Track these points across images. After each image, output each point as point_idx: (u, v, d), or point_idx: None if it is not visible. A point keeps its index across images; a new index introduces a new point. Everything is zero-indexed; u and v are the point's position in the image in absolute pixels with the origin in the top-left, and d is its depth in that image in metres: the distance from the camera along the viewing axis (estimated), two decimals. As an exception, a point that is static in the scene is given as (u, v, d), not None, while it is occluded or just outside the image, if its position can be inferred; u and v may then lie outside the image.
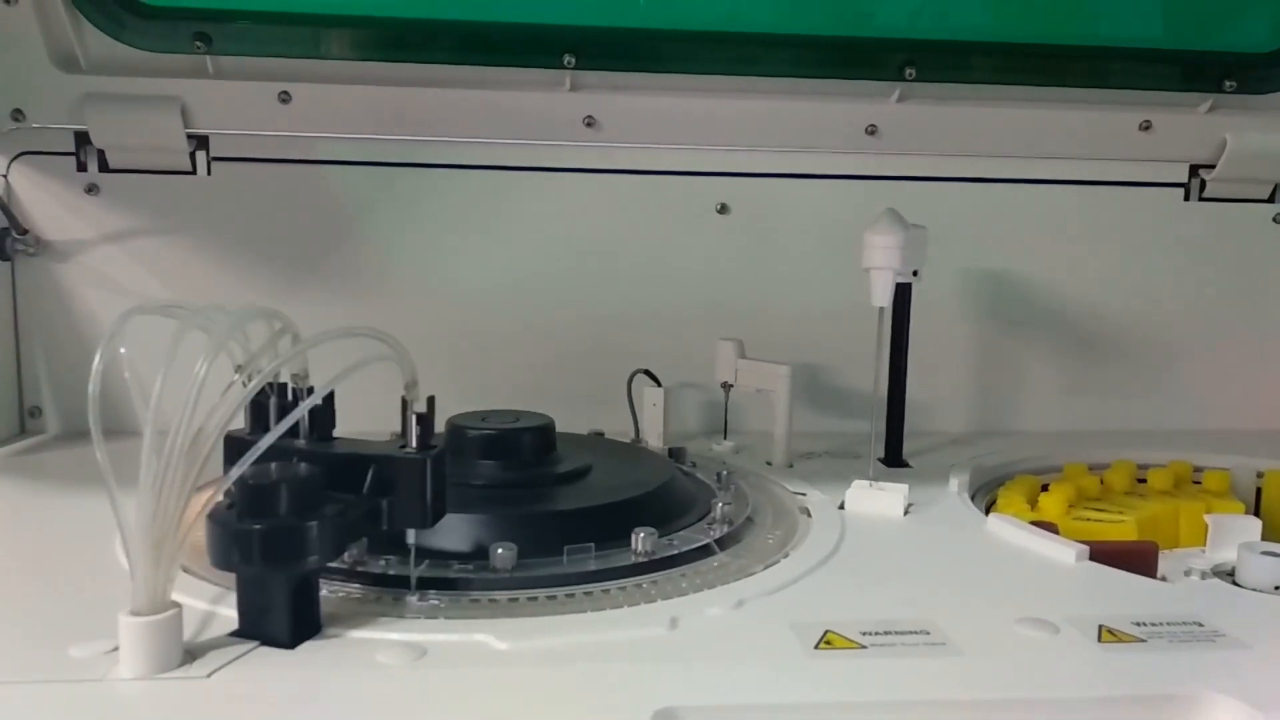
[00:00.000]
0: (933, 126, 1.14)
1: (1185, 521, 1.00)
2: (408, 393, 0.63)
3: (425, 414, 0.63)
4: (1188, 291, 1.23)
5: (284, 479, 0.57)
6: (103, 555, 0.71)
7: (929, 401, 1.22)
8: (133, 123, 1.05)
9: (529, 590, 0.67)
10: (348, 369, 0.59)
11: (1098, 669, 0.58)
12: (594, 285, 1.16)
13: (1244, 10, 1.15)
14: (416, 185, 1.12)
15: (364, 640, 0.59)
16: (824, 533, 0.81)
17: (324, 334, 0.61)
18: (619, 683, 0.55)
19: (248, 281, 1.12)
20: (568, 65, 1.06)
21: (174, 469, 0.53)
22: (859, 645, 0.60)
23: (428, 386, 1.12)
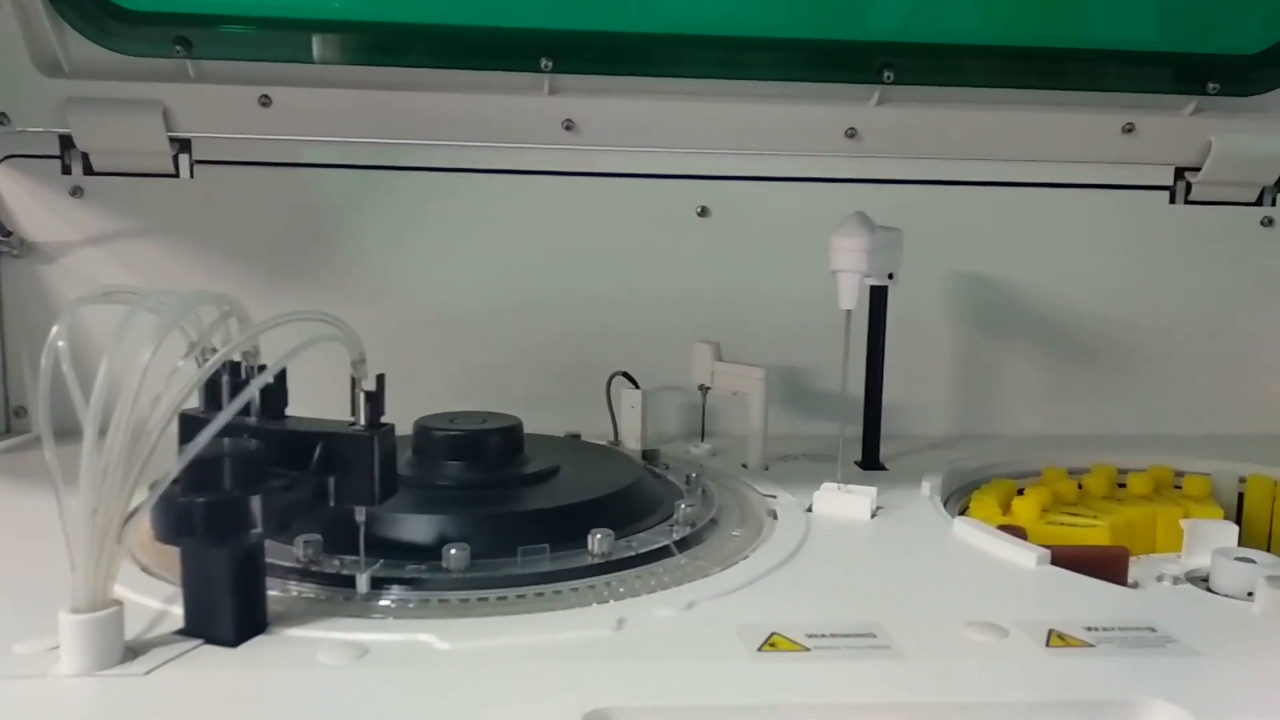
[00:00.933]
0: (913, 129, 1.14)
1: (1163, 527, 0.99)
2: (355, 370, 0.63)
3: (374, 392, 0.63)
4: (1173, 295, 1.22)
5: (227, 454, 0.58)
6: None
7: (911, 405, 1.21)
8: (115, 126, 1.06)
9: (480, 591, 0.67)
10: (297, 347, 0.60)
11: (1039, 673, 0.58)
12: (575, 288, 1.16)
13: (1228, 12, 1.14)
14: (398, 188, 1.13)
15: (308, 639, 0.60)
16: (786, 535, 0.81)
17: (272, 319, 0.61)
18: (555, 683, 0.55)
19: (231, 283, 1.10)
20: (545, 69, 1.06)
21: (115, 465, 0.54)
22: (803, 648, 0.60)
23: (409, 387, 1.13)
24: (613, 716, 0.52)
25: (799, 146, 1.14)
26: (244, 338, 0.61)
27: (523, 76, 1.08)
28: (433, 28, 1.07)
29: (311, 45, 1.07)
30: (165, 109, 1.06)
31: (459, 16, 1.07)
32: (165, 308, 0.57)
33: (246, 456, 0.59)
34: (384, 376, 0.65)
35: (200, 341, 0.60)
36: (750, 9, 1.11)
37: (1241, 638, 0.65)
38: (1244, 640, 0.65)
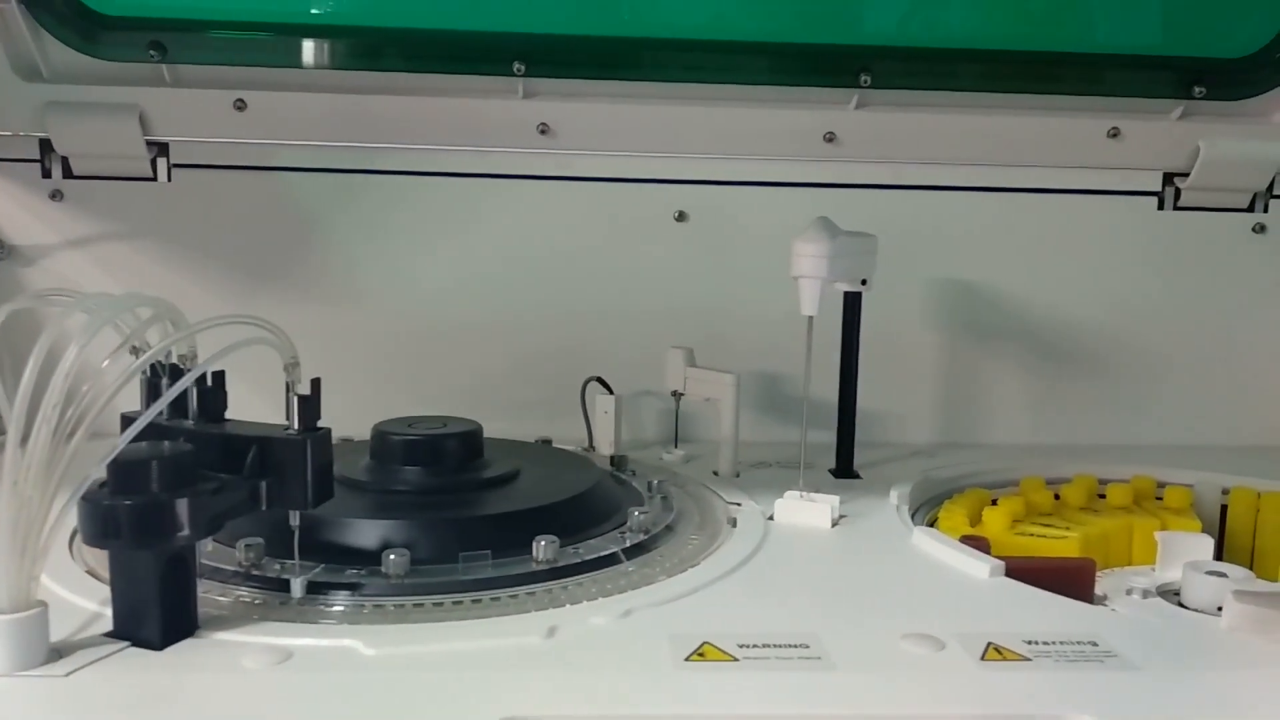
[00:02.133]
0: (892, 134, 1.12)
1: (1139, 539, 0.98)
2: (288, 374, 0.63)
3: (308, 396, 0.63)
4: (1162, 303, 1.20)
5: (154, 456, 0.58)
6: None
7: (893, 412, 1.20)
8: (93, 130, 1.07)
9: (418, 597, 0.67)
10: (223, 350, 0.60)
11: (967, 688, 0.56)
12: (552, 293, 1.16)
13: (1214, 16, 1.12)
14: (374, 192, 1.13)
15: (235, 643, 0.60)
16: (740, 544, 0.80)
17: (202, 322, 0.62)
18: (473, 691, 0.55)
19: (208, 286, 1.13)
20: (517, 72, 1.06)
21: (36, 466, 0.54)
22: (731, 658, 0.59)
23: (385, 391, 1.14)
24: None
25: (777, 151, 1.13)
26: (169, 340, 0.61)
27: (497, 80, 1.08)
28: (406, 32, 1.07)
29: (286, 50, 1.07)
30: (142, 113, 1.07)
31: (432, 20, 1.07)
32: (95, 310, 0.58)
33: (174, 459, 0.59)
34: (319, 380, 0.64)
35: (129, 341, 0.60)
36: (726, 13, 1.11)
37: (1189, 653, 0.64)
38: (1189, 656, 0.63)
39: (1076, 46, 1.11)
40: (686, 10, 1.11)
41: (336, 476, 0.81)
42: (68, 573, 0.69)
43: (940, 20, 1.11)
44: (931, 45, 1.10)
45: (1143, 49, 1.12)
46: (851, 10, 1.09)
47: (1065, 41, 1.12)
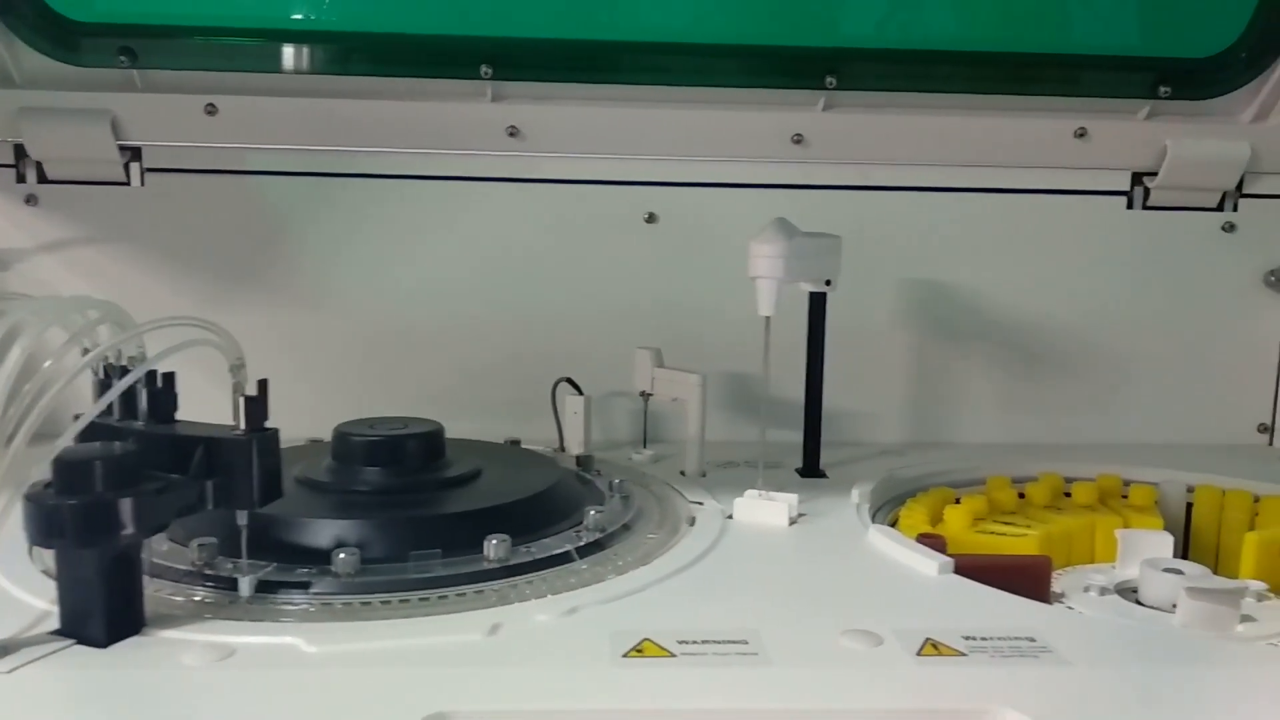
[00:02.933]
0: (860, 135, 1.13)
1: (1102, 537, 0.98)
2: (234, 375, 0.64)
3: (254, 397, 0.64)
4: (1132, 302, 1.21)
5: (98, 456, 0.59)
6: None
7: (864, 412, 1.21)
8: (66, 135, 1.08)
9: (367, 595, 0.68)
10: (167, 350, 0.61)
11: (895, 681, 0.57)
12: (524, 294, 1.17)
13: (1180, 16, 1.12)
14: (345, 196, 1.14)
15: (180, 640, 0.60)
16: (696, 542, 0.81)
17: (146, 324, 0.62)
18: (406, 687, 0.55)
19: (182, 290, 1.14)
20: (485, 76, 1.07)
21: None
22: (669, 654, 0.60)
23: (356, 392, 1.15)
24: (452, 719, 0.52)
25: (745, 152, 1.14)
26: (112, 342, 0.62)
27: (466, 84, 1.09)
28: (374, 36, 1.08)
29: (256, 54, 1.08)
30: (114, 118, 1.08)
31: (400, 25, 1.07)
32: (41, 313, 0.58)
33: (119, 459, 0.60)
34: (266, 382, 0.65)
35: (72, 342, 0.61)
36: (693, 15, 1.11)
37: (1124, 650, 0.64)
38: (1124, 652, 0.63)
39: (1043, 47, 1.12)
40: (654, 13, 1.11)
41: (298, 477, 0.83)
42: (24, 573, 0.70)
43: (907, 22, 1.12)
44: (898, 47, 1.11)
45: (1109, 49, 1.12)
46: (818, 12, 1.10)
47: (1032, 42, 1.12)
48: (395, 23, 1.08)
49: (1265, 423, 1.23)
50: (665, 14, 1.11)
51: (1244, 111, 1.15)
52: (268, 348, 1.12)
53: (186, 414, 0.69)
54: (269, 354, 1.13)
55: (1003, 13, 1.12)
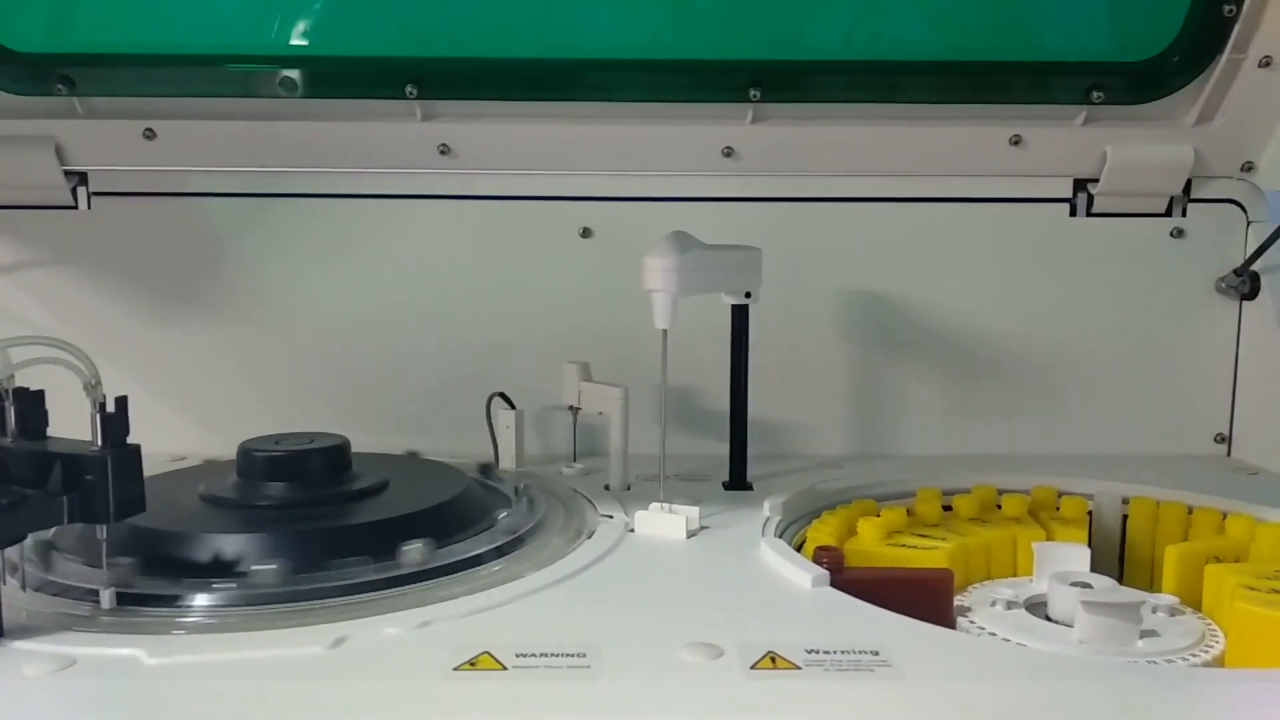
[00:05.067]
0: (789, 147, 1.13)
1: (1024, 550, 0.96)
2: (89, 393, 0.65)
3: (113, 414, 0.65)
4: (1079, 311, 1.18)
5: (-51, 471, 0.61)
6: None
7: (806, 424, 1.20)
8: (12, 162, 1.12)
9: (228, 608, 0.69)
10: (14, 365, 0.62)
11: (714, 694, 0.57)
12: (460, 311, 1.18)
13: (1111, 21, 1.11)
14: (282, 214, 1.16)
15: (28, 650, 0.62)
16: (583, 555, 0.81)
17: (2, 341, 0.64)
18: (223, 698, 0.56)
19: (128, 309, 1.17)
20: (410, 95, 1.09)
21: None
22: (502, 667, 0.60)
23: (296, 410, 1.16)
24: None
25: (677, 166, 1.14)
26: (-42, 361, 0.63)
27: (396, 103, 1.11)
28: (304, 58, 1.10)
29: (189, 79, 1.11)
30: (58, 144, 1.11)
31: (328, 47, 1.10)
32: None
33: (-30, 475, 0.61)
34: (125, 399, 0.67)
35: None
36: (618, 32, 1.12)
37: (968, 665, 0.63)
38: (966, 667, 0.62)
39: (973, 55, 1.10)
40: (581, 31, 1.12)
41: (201, 493, 0.85)
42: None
43: (831, 33, 1.11)
44: (822, 58, 1.11)
45: (1040, 55, 1.11)
46: (739, 25, 1.10)
47: (961, 50, 1.11)
48: (324, 45, 1.10)
49: (1222, 432, 1.19)
50: (592, 31, 1.12)
51: (1186, 114, 1.13)
52: (209, 363, 1.17)
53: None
54: (210, 369, 1.18)
55: (930, 22, 1.11)
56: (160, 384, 1.16)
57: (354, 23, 1.11)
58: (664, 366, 0.92)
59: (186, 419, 1.16)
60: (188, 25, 1.09)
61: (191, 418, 1.17)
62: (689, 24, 1.11)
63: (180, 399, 1.17)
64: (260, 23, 1.10)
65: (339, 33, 1.10)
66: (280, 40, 1.10)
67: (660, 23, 1.11)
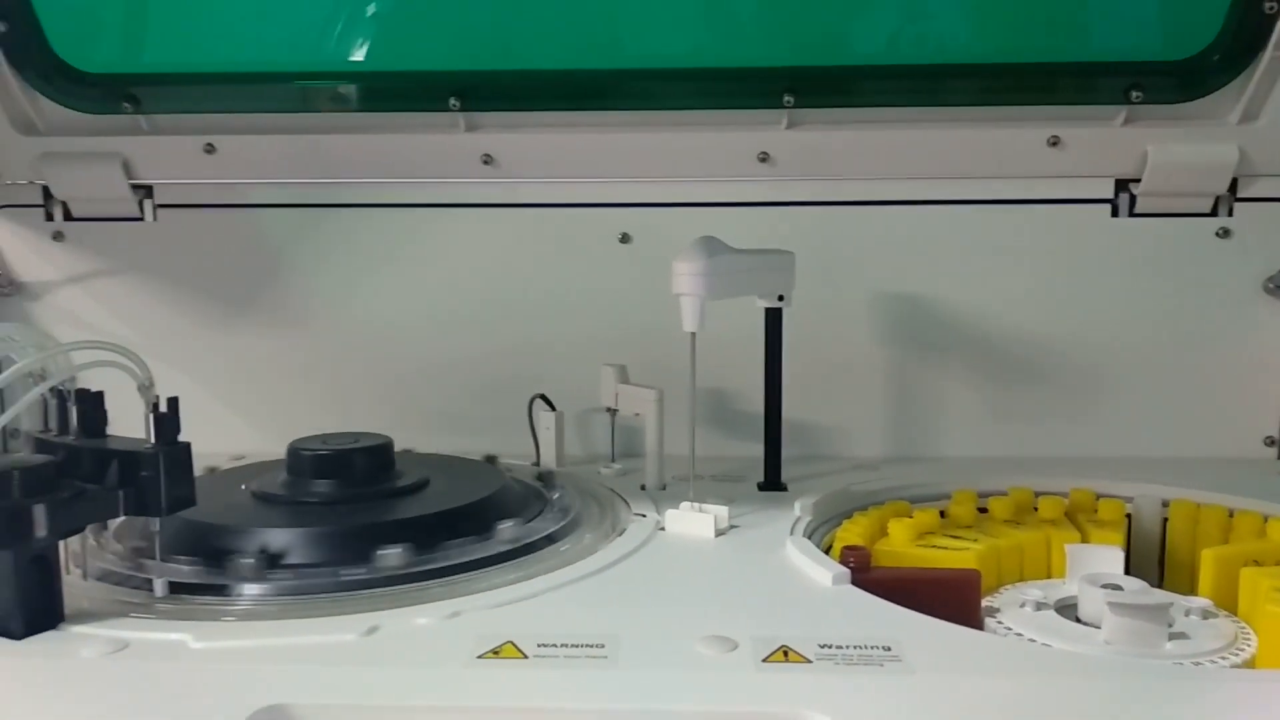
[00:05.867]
0: (825, 152, 1.14)
1: (1058, 552, 0.96)
2: (143, 395, 0.70)
3: (165, 414, 0.70)
4: (1122, 313, 1.17)
5: (16, 466, 0.65)
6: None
7: (843, 427, 1.21)
8: (84, 176, 1.18)
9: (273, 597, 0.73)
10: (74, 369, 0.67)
11: (723, 685, 0.58)
12: (502, 315, 1.21)
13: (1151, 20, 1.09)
14: (334, 225, 1.21)
15: (86, 635, 0.66)
16: (610, 552, 0.83)
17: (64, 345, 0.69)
18: (257, 679, 0.59)
19: (191, 316, 1.23)
20: (454, 107, 1.12)
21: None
22: (524, 656, 0.63)
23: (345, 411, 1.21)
24: (287, 711, 0.56)
25: (713, 172, 1.16)
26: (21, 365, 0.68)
27: (440, 115, 1.15)
28: (353, 74, 1.15)
29: (246, 96, 1.16)
30: (125, 159, 1.17)
31: (375, 63, 1.14)
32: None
33: (35, 469, 0.66)
34: (176, 400, 0.71)
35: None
36: (655, 42, 1.14)
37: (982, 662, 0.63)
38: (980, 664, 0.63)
39: (1007, 57, 1.10)
40: (618, 42, 1.14)
41: (252, 490, 0.90)
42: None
43: (862, 38, 1.12)
44: (856, 64, 1.11)
45: (1079, 56, 1.10)
46: (773, 33, 1.11)
47: (997, 52, 1.11)
48: (372, 61, 1.14)
49: (1272, 435, 1.17)
50: (629, 42, 1.15)
51: (1230, 113, 1.11)
52: (265, 366, 1.22)
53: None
54: (267, 372, 1.23)
55: (965, 24, 1.11)
56: (221, 386, 1.22)
57: (400, 39, 1.15)
58: (693, 368, 0.94)
59: (246, 419, 1.22)
60: (245, 45, 1.14)
61: (250, 418, 1.22)
62: (724, 33, 1.13)
63: (240, 400, 1.22)
64: (312, 41, 1.15)
65: (386, 49, 1.14)
66: (331, 57, 1.14)
67: (696, 32, 1.13)
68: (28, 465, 0.66)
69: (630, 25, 1.13)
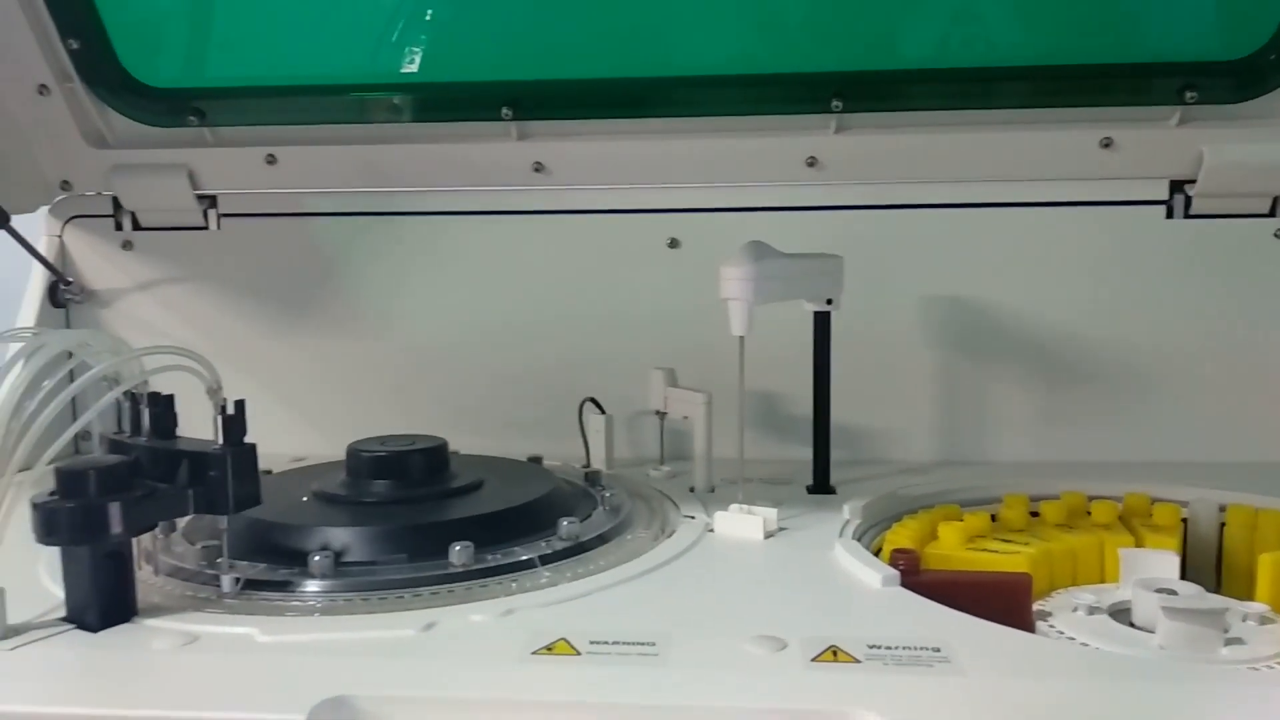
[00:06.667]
0: (873, 156, 1.14)
1: (1111, 556, 0.95)
2: (211, 398, 0.73)
3: (232, 416, 0.72)
4: (1176, 315, 1.16)
5: (93, 466, 0.69)
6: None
7: (893, 430, 1.21)
8: (151, 187, 1.22)
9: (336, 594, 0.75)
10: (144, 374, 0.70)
11: (773, 683, 0.59)
12: (552, 319, 1.23)
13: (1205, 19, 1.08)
14: (389, 233, 1.24)
15: (159, 628, 0.69)
16: (660, 552, 0.84)
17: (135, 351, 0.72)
18: (322, 671, 0.62)
19: (252, 321, 1.27)
20: (506, 117, 1.15)
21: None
22: (576, 652, 0.64)
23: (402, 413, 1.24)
24: (349, 702, 0.58)
25: (762, 177, 1.17)
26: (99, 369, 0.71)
27: (493, 125, 1.17)
28: (406, 85, 1.18)
29: (305, 108, 1.19)
30: (190, 170, 1.22)
31: (429, 75, 1.17)
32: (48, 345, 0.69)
33: (110, 469, 0.69)
34: (243, 403, 0.73)
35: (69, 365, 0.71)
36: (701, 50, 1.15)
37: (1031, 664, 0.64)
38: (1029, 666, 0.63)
39: (1061, 58, 1.10)
40: (663, 50, 1.16)
41: (314, 490, 0.92)
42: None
43: (908, 42, 1.12)
44: (902, 67, 1.12)
45: (1132, 56, 1.09)
46: (821, 39, 1.12)
47: (1048, 54, 1.10)
48: (426, 73, 1.17)
49: (1334, 440, 1.15)
50: (678, 49, 1.16)
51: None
52: (324, 371, 1.26)
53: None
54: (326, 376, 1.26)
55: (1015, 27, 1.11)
56: (281, 390, 1.25)
57: (454, 51, 1.17)
58: (741, 372, 0.95)
59: (303, 421, 1.25)
60: (304, 59, 1.18)
61: (306, 420, 1.25)
62: (772, 39, 1.14)
63: (297, 403, 1.26)
64: (368, 55, 1.18)
65: (440, 61, 1.17)
66: (387, 70, 1.18)
67: (744, 39, 1.14)
68: (103, 465, 0.69)
69: (678, 33, 1.14)
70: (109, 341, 0.74)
